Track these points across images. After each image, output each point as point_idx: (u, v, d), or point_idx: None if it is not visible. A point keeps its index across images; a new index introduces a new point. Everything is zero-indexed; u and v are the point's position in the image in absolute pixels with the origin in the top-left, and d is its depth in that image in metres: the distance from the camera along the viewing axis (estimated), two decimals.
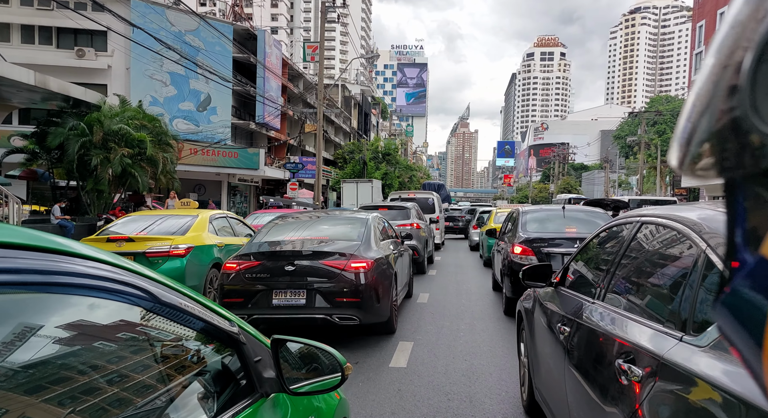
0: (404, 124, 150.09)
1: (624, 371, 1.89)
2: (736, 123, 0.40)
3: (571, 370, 2.60)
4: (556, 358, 2.92)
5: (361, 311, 5.69)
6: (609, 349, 2.20)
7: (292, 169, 27.26)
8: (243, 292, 5.70)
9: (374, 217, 7.37)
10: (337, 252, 5.90)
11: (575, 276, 3.33)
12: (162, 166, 18.80)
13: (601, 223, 7.81)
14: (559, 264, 7.15)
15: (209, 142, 27.30)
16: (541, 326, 3.45)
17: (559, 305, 3.17)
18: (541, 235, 7.68)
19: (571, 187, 72.35)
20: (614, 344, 2.16)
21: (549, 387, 3.16)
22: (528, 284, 3.68)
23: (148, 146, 18.10)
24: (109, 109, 18.66)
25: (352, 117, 61.60)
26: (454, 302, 8.93)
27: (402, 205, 13.93)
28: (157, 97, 27.45)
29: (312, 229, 6.80)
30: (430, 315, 7.77)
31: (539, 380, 3.45)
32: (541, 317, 3.46)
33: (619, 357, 1.99)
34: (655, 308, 2.12)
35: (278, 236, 6.52)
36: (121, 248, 7.16)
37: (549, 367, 3.15)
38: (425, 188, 37.52)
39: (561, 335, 2.85)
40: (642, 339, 1.93)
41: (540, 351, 3.44)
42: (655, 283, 2.28)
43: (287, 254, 5.88)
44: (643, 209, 2.82)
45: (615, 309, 2.36)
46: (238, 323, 1.47)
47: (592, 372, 2.34)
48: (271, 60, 32.30)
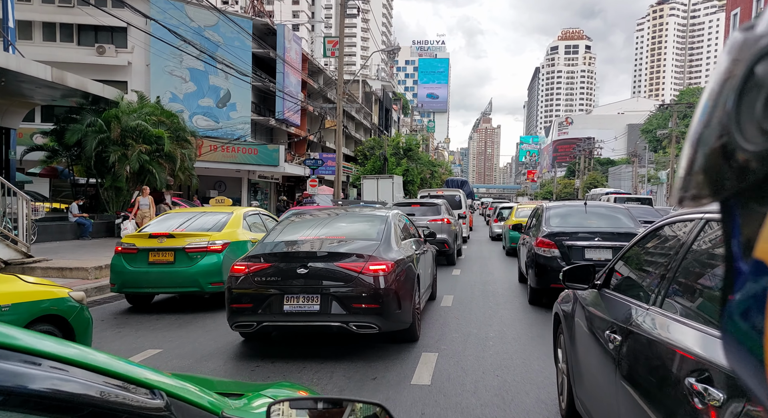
0: (425, 119, 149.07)
1: (698, 393, 1.68)
2: (725, 146, 0.44)
3: (624, 384, 2.38)
4: (604, 368, 2.69)
5: (380, 318, 5.16)
6: (675, 364, 1.98)
7: (312, 165, 26.87)
8: (252, 297, 5.21)
9: (395, 214, 6.83)
10: (354, 253, 5.39)
11: (623, 278, 3.10)
12: (180, 163, 18.56)
13: (622, 218, 8.41)
14: (580, 256, 7.66)
15: (229, 139, 27.07)
16: (583, 332, 3.25)
17: (606, 310, 2.95)
18: (563, 229, 8.05)
19: (597, 182, 70.54)
20: (682, 359, 1.94)
21: (594, 399, 2.96)
22: (568, 285, 3.40)
23: (166, 142, 17.86)
24: (127, 105, 18.46)
25: (373, 113, 61.08)
26: (481, 303, 8.35)
27: (433, 201, 14.39)
28: (177, 93, 27.31)
29: (328, 227, 6.29)
30: (455, 320, 7.18)
31: (581, 390, 3.24)
32: (583, 321, 3.27)
33: (690, 375, 1.77)
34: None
35: (291, 235, 6.03)
36: (163, 243, 7.50)
37: (594, 377, 2.94)
38: (448, 185, 37.37)
39: (610, 343, 2.62)
40: (718, 355, 1.65)
41: (582, 359, 3.22)
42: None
43: (300, 255, 5.38)
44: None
45: (678, 317, 2.13)
46: (167, 390, 0.92)
47: (652, 390, 2.12)
48: (291, 55, 31.94)
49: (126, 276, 7.56)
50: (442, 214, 13.31)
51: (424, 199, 16.28)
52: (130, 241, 7.82)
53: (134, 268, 7.52)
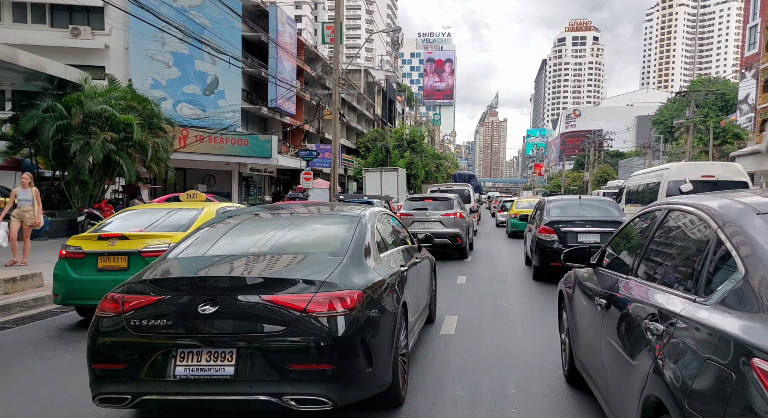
0: (431, 113, 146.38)
1: (649, 328, 2.33)
2: None
3: (606, 335, 2.98)
4: (594, 327, 3.26)
5: (337, 385, 3.16)
6: (638, 312, 2.58)
7: (306, 157, 24.75)
8: (127, 352, 3.20)
9: (374, 213, 4.84)
10: (298, 279, 3.40)
11: (611, 257, 3.66)
12: (152, 153, 16.54)
13: (610, 208, 10.19)
14: (575, 239, 9.31)
15: (215, 129, 25.06)
16: (580, 303, 3.81)
17: (598, 282, 3.50)
18: (561, 218, 9.71)
19: (608, 175, 68.25)
20: (642, 307, 2.55)
21: (587, 354, 3.53)
22: (569, 265, 4.01)
23: (135, 130, 15.85)
24: (92, 88, 16.47)
25: (376, 104, 58.89)
26: (491, 321, 6.34)
27: (446, 196, 14.35)
28: (159, 79, 25.28)
29: (272, 234, 4.26)
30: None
31: (579, 350, 3.83)
32: (581, 294, 3.81)
33: (646, 318, 2.41)
34: (676, 278, 2.50)
35: (208, 249, 4.02)
36: (114, 246, 6.39)
37: (588, 337, 3.51)
38: (456, 179, 36.56)
39: (598, 306, 3.18)
40: (665, 302, 2.36)
41: (579, 324, 3.81)
42: (677, 258, 2.64)
43: (209, 283, 3.39)
44: (674, 197, 3.17)
45: (644, 282, 2.77)
46: None
47: (623, 333, 2.71)
48: (285, 39, 29.84)
49: (71, 285, 6.38)
50: (455, 208, 13.34)
51: (435, 194, 16.54)
52: (76, 243, 6.53)
53: (81, 275, 6.37)
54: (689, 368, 1.92)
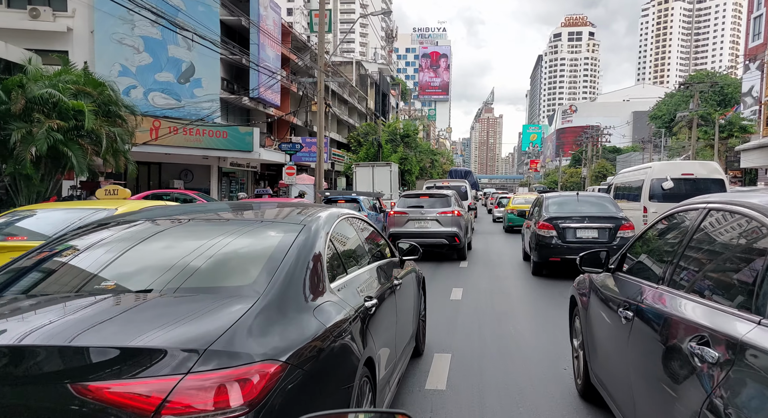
0: (426, 108, 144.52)
1: (696, 354, 1.93)
2: None
3: (633, 354, 2.61)
4: (617, 342, 2.91)
5: None
6: (678, 332, 2.18)
7: (289, 150, 22.80)
8: None
9: (330, 217, 3.19)
10: (161, 348, 1.70)
11: (635, 262, 3.28)
12: (108, 144, 14.61)
13: (607, 205, 10.32)
14: (573, 235, 9.46)
15: (189, 120, 23.09)
16: (597, 311, 3.47)
17: (620, 290, 3.14)
18: (559, 214, 9.86)
19: (606, 171, 66.83)
20: (684, 326, 2.15)
21: (607, 371, 3.17)
22: (585, 269, 3.68)
23: (87, 117, 13.89)
24: (38, 70, 14.52)
25: (369, 97, 56.95)
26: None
27: (443, 192, 13.57)
28: (129, 66, 23.27)
29: (154, 256, 2.56)
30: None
31: (596, 364, 3.47)
32: (599, 302, 3.48)
33: (691, 340, 2.01)
34: (726, 292, 2.09)
35: (28, 281, 2.33)
36: None
37: (607, 351, 3.16)
38: (452, 175, 35.64)
39: (623, 319, 2.81)
40: (717, 323, 1.93)
41: (597, 335, 3.45)
42: (725, 267, 2.23)
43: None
44: (709, 195, 2.78)
45: (681, 293, 2.35)
46: None
47: (658, 355, 2.30)
48: (268, 24, 27.89)
49: None
50: (452, 205, 12.57)
51: (431, 191, 15.80)
52: None
53: None
54: (764, 413, 1.51)
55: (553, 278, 9.69)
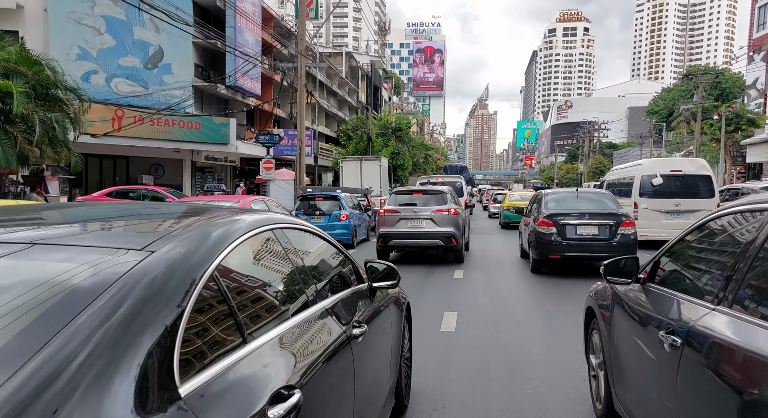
0: (421, 104, 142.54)
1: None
2: None
3: (687, 391, 2.13)
4: (659, 371, 2.42)
5: None
6: (759, 372, 1.73)
7: (267, 142, 20.73)
8: None
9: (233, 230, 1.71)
10: None
11: (673, 272, 2.81)
12: (42, 131, 12.52)
13: (607, 201, 10.30)
14: (573, 232, 9.31)
15: (156, 109, 20.98)
16: (626, 329, 2.96)
17: (656, 307, 2.65)
18: (558, 211, 9.70)
19: (603, 167, 65.15)
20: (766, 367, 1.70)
21: (643, 402, 2.68)
22: (610, 279, 3.10)
23: (16, 101, 11.81)
24: None
25: (360, 90, 54.85)
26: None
27: (438, 189, 12.64)
28: (89, 49, 21.09)
29: None
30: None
31: (624, 391, 2.95)
32: (626, 318, 2.98)
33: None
34: None
35: None
36: None
37: (642, 378, 2.67)
38: (447, 171, 34.26)
39: (666, 345, 2.27)
40: None
41: (625, 358, 2.93)
42: None
43: None
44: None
45: (757, 321, 1.83)
46: None
47: (730, 398, 1.83)
48: (246, 7, 25.75)
49: None
50: (448, 203, 11.64)
51: (425, 187, 14.81)
52: None
53: None
54: None
55: (553, 276, 9.53)
